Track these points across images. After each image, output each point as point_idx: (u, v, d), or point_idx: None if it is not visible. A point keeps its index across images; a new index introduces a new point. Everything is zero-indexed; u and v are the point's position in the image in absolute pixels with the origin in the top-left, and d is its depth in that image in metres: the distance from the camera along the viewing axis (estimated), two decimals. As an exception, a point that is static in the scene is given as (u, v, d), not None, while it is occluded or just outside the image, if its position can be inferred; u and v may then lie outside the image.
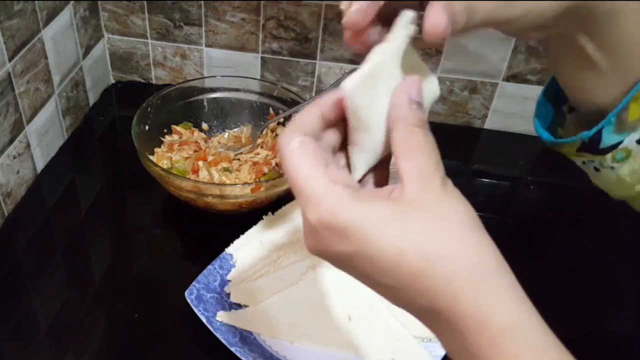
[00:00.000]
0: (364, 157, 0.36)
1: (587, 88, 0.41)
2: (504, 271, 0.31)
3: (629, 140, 0.40)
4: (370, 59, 0.33)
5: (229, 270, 0.65)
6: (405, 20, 0.33)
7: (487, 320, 0.30)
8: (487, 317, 0.30)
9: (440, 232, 0.31)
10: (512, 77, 0.87)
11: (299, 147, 0.32)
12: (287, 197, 0.72)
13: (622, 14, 0.38)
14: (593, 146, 0.41)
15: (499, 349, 0.29)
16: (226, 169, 0.75)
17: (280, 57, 0.90)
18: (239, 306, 0.62)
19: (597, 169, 0.43)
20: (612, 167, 0.42)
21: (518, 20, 0.36)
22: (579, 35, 0.38)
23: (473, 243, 0.31)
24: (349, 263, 0.32)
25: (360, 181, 0.36)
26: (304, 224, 0.33)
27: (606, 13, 0.37)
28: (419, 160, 0.32)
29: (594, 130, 0.40)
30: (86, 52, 0.88)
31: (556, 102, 0.46)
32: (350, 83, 0.33)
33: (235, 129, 0.84)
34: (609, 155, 0.41)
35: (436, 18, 0.32)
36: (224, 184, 0.71)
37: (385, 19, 0.36)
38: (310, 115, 0.34)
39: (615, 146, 0.41)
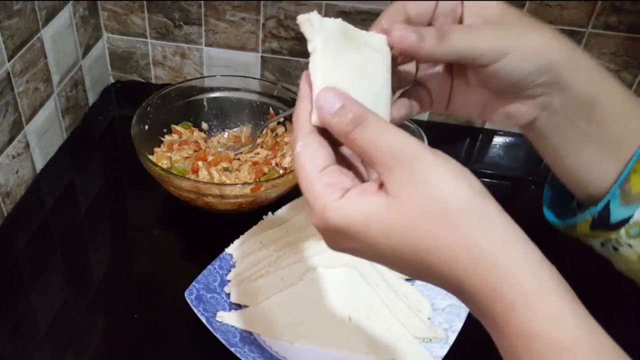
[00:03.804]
0: None
1: (588, 168, 0.41)
2: (512, 241, 0.31)
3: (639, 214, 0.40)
4: (314, 84, 0.35)
5: (229, 270, 0.65)
6: (308, 24, 0.35)
7: (494, 298, 0.30)
8: (495, 295, 0.30)
9: (428, 221, 0.31)
10: (512, 77, 0.87)
11: (301, 151, 0.34)
12: (287, 197, 0.72)
13: (602, 94, 0.38)
14: (604, 222, 0.41)
15: (510, 321, 0.30)
16: (226, 169, 0.75)
17: (280, 57, 0.90)
18: (239, 306, 0.62)
19: (615, 249, 0.42)
20: (629, 245, 0.41)
21: (496, 61, 0.37)
22: (569, 109, 0.39)
23: (465, 224, 0.30)
24: (361, 255, 0.34)
25: None
26: None
27: (582, 92, 0.38)
28: (375, 159, 0.32)
29: (602, 204, 0.40)
30: (86, 52, 0.88)
31: (564, 200, 0.46)
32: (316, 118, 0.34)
33: (235, 129, 0.84)
34: (622, 231, 0.41)
35: (395, 32, 0.35)
36: (224, 184, 0.71)
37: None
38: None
39: (626, 220, 0.40)
